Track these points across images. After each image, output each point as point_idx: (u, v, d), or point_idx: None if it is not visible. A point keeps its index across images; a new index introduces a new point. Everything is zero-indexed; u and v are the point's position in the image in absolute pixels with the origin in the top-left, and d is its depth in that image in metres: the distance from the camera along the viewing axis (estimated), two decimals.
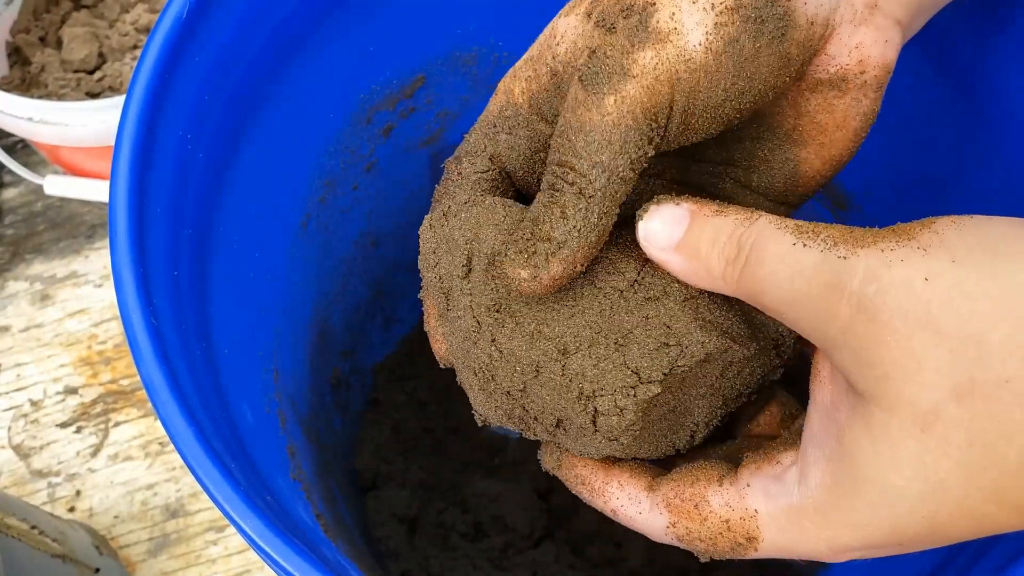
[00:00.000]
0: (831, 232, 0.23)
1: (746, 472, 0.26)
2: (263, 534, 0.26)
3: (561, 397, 0.26)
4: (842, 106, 0.27)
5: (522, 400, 0.28)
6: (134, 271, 0.30)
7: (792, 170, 0.29)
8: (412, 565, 0.52)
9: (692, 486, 0.26)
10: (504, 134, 0.28)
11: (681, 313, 0.26)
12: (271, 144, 0.39)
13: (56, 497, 0.56)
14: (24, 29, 0.63)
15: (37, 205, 0.66)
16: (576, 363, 0.26)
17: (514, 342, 0.27)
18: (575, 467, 0.29)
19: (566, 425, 0.28)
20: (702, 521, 0.26)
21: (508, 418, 0.29)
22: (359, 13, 0.41)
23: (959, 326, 0.20)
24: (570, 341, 0.26)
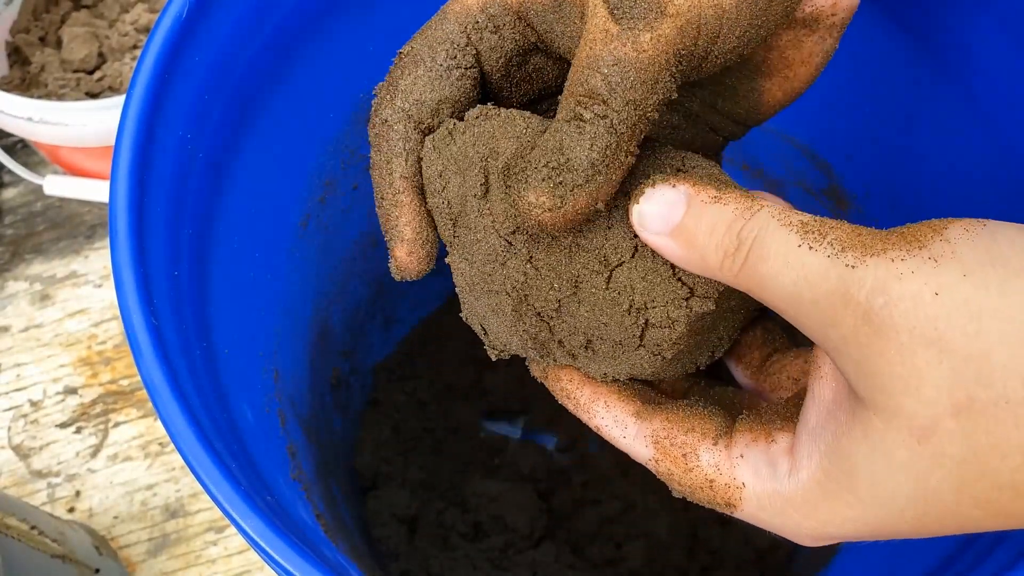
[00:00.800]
0: (838, 234, 0.22)
1: (741, 441, 0.26)
2: (263, 534, 0.26)
3: (604, 312, 0.26)
4: (809, 43, 0.29)
5: (553, 321, 0.27)
6: (134, 271, 0.30)
7: (756, 99, 0.30)
8: (412, 565, 0.52)
9: (686, 434, 0.26)
10: (490, 33, 0.27)
11: None
12: (271, 144, 0.39)
13: (56, 497, 0.56)
14: (24, 29, 0.63)
15: (37, 205, 0.66)
16: (623, 275, 0.25)
17: (552, 256, 0.26)
18: (560, 379, 0.29)
19: (597, 345, 0.27)
20: (687, 470, 0.26)
21: (532, 342, 0.28)
22: (359, 12, 0.41)
23: (964, 344, 0.20)
24: (611, 253, 0.25)
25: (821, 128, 0.46)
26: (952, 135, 0.38)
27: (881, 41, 0.39)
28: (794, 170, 0.49)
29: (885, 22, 0.38)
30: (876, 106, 0.42)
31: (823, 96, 0.43)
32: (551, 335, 0.27)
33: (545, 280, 0.26)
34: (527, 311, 0.27)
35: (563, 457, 0.57)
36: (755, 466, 0.25)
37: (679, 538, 0.52)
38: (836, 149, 0.46)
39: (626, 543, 0.53)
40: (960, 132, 0.38)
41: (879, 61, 0.40)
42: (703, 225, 0.24)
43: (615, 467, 0.56)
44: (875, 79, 0.41)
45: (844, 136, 0.45)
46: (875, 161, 0.43)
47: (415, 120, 0.27)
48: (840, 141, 0.45)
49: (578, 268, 0.26)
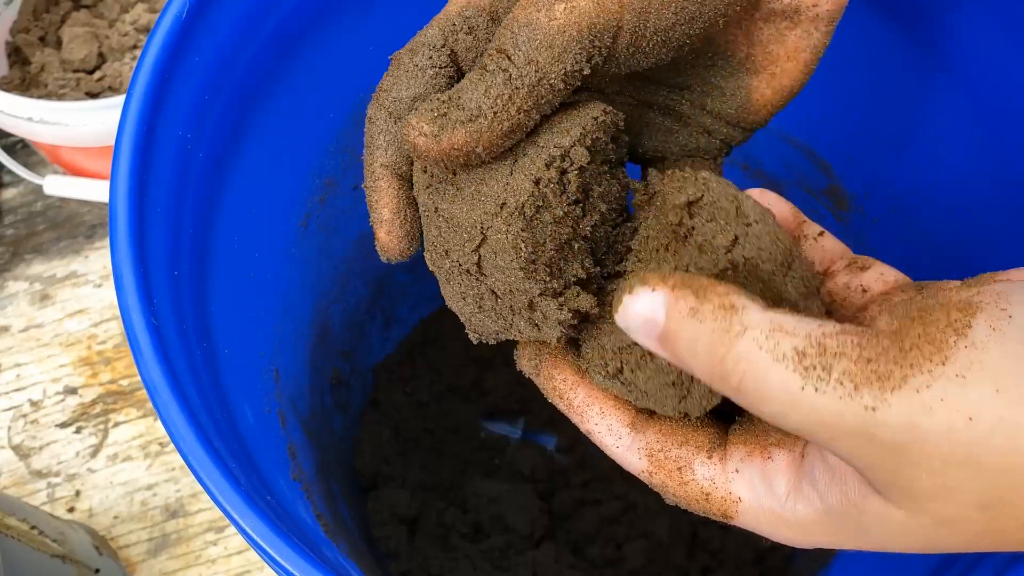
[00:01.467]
0: (846, 367, 0.20)
1: (735, 454, 0.26)
2: (264, 534, 0.26)
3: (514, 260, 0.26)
4: (793, 37, 0.28)
5: (482, 278, 0.27)
6: (134, 271, 0.30)
7: (744, 97, 0.30)
8: (412, 565, 0.52)
9: (680, 448, 0.26)
10: (464, 34, 0.28)
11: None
12: (271, 143, 0.39)
13: (56, 497, 0.56)
14: (24, 29, 0.63)
15: (37, 205, 0.66)
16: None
17: (455, 206, 0.26)
18: (553, 378, 0.28)
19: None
20: (682, 483, 0.26)
21: (480, 309, 0.28)
22: (358, 12, 0.41)
23: (999, 461, 0.19)
24: (510, 197, 0.26)
25: (821, 128, 0.46)
26: (952, 135, 0.38)
27: (881, 41, 0.39)
28: (794, 170, 0.49)
29: (885, 22, 0.38)
30: (876, 106, 0.42)
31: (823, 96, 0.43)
32: (496, 298, 0.27)
33: (455, 232, 0.27)
34: (455, 269, 0.27)
35: (563, 457, 0.57)
36: (751, 482, 0.25)
37: (679, 538, 0.52)
38: (836, 149, 0.46)
39: (626, 543, 0.53)
40: (960, 132, 0.38)
41: (879, 61, 0.40)
42: (683, 341, 0.22)
43: (615, 467, 0.55)
44: (875, 79, 0.41)
45: (844, 136, 0.45)
46: (875, 161, 0.43)
47: (393, 115, 0.28)
48: (840, 141, 0.45)
49: (479, 214, 0.26)
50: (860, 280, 0.28)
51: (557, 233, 0.27)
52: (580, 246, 0.28)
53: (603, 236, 0.29)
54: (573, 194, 0.27)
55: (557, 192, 0.27)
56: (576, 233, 0.28)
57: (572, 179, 0.27)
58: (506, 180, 0.26)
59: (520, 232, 0.26)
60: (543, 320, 0.27)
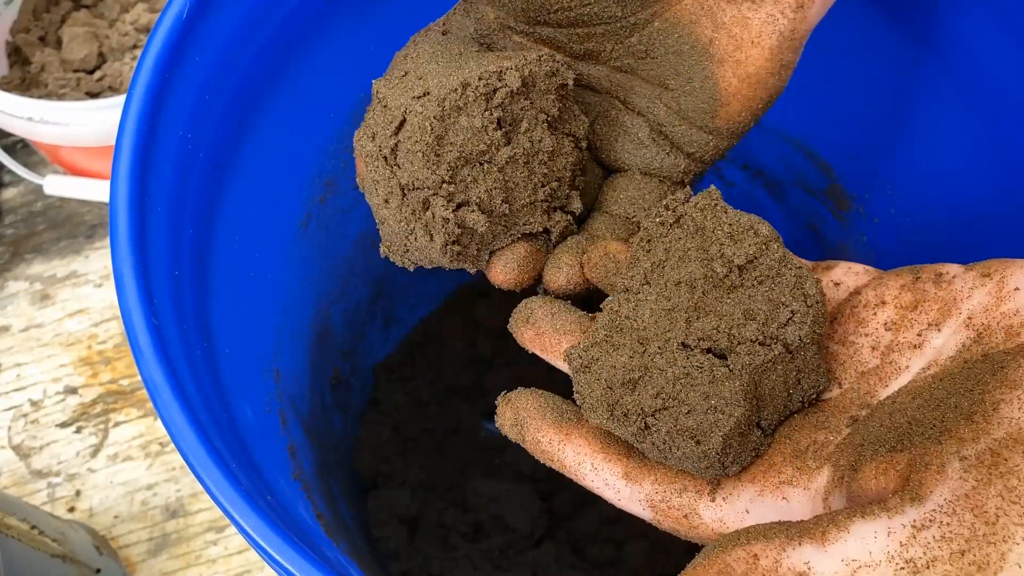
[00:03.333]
0: (944, 570, 0.19)
1: (744, 494, 0.25)
2: (264, 534, 0.26)
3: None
4: (757, 21, 0.28)
5: (396, 173, 0.28)
6: (135, 271, 0.30)
7: (712, 88, 0.29)
8: (412, 565, 0.52)
9: (680, 495, 0.26)
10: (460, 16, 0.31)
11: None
12: (272, 143, 0.39)
13: (56, 497, 0.56)
14: (24, 29, 0.63)
15: (37, 205, 0.66)
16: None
17: (392, 92, 0.28)
18: (540, 442, 0.28)
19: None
20: (691, 528, 0.26)
21: (391, 211, 0.29)
22: (358, 12, 0.41)
23: None
24: (437, 88, 0.27)
25: (821, 128, 0.46)
26: (953, 135, 0.38)
27: (882, 40, 0.39)
28: (794, 170, 0.49)
29: (885, 21, 0.38)
30: (876, 106, 0.42)
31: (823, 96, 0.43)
32: (397, 185, 0.28)
33: (383, 113, 0.28)
34: (375, 154, 0.28)
35: None
36: (763, 520, 0.24)
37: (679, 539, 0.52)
38: (836, 149, 0.46)
39: (626, 543, 0.53)
40: (961, 132, 0.38)
41: (879, 61, 0.40)
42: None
43: None
44: (876, 79, 0.41)
45: (844, 136, 0.45)
46: (875, 161, 0.43)
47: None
48: (840, 141, 0.45)
49: (407, 99, 0.28)
50: (830, 277, 0.28)
51: (469, 141, 0.27)
52: (493, 175, 0.28)
53: (521, 181, 0.29)
54: (494, 112, 0.28)
55: (480, 104, 0.27)
56: (491, 157, 0.28)
57: (499, 98, 0.28)
58: (440, 80, 0.28)
59: (432, 118, 0.27)
60: (433, 225, 0.27)
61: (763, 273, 0.25)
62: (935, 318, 0.25)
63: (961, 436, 0.20)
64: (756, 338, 0.25)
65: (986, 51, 0.35)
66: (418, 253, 0.29)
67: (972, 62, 0.36)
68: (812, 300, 0.25)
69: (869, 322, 0.26)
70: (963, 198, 0.39)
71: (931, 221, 0.41)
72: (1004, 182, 0.36)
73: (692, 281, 0.25)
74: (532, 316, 0.29)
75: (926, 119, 0.39)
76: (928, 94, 0.38)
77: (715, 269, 0.25)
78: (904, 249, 0.43)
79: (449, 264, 0.29)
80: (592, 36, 0.30)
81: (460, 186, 0.28)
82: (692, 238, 0.26)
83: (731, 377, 0.24)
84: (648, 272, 0.27)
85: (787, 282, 0.25)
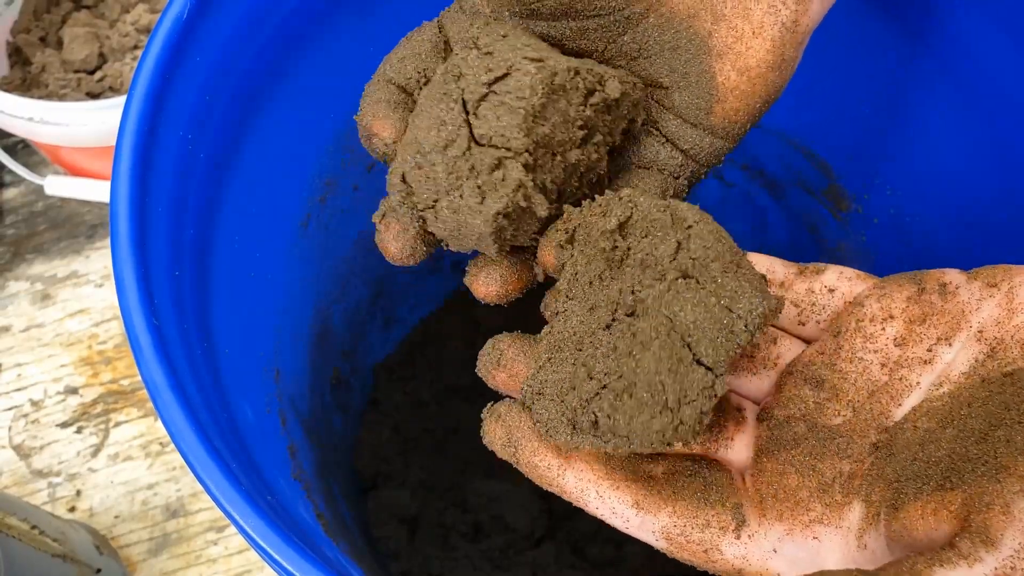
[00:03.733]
0: None
1: (772, 533, 0.24)
2: (264, 534, 0.26)
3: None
4: (759, 11, 0.27)
5: (472, 123, 0.26)
6: (135, 271, 0.30)
7: (709, 83, 0.28)
8: (412, 565, 0.52)
9: (702, 531, 0.25)
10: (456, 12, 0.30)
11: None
12: (272, 144, 0.39)
13: (56, 497, 0.56)
14: (24, 29, 0.63)
15: (38, 205, 0.66)
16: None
17: (498, 44, 0.27)
18: (537, 466, 0.26)
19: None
20: (709, 562, 0.25)
21: (444, 157, 0.26)
22: (359, 13, 0.41)
23: None
24: (551, 61, 0.26)
25: (821, 128, 0.46)
26: (952, 135, 0.38)
27: (881, 40, 0.39)
28: (794, 170, 0.49)
29: (885, 21, 0.38)
30: (876, 106, 0.42)
31: (823, 96, 0.43)
32: (466, 134, 0.26)
33: (484, 59, 0.26)
34: (455, 95, 0.26)
35: None
36: (795, 562, 0.24)
37: None
38: (836, 149, 0.46)
39: (626, 543, 0.53)
40: (960, 132, 0.38)
41: (879, 61, 0.40)
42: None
43: None
44: (875, 79, 0.41)
45: (844, 136, 0.45)
46: (875, 161, 0.43)
47: (393, 81, 0.30)
48: (840, 141, 0.45)
49: (516, 56, 0.26)
50: (821, 282, 0.27)
51: (559, 126, 0.26)
52: (557, 170, 0.27)
53: (570, 189, 0.28)
54: (588, 111, 0.27)
55: (580, 97, 0.27)
56: (564, 152, 0.27)
57: (596, 99, 0.27)
58: (552, 55, 0.26)
59: (543, 83, 0.25)
60: (494, 188, 0.25)
61: (643, 227, 0.25)
62: (944, 332, 0.25)
63: (1021, 473, 0.20)
64: (659, 282, 0.24)
65: (985, 51, 0.35)
66: (449, 214, 0.26)
67: (971, 62, 0.36)
68: (690, 221, 0.25)
69: (878, 337, 0.26)
70: (963, 198, 0.39)
71: (931, 221, 0.41)
72: (1004, 182, 0.36)
73: (600, 273, 0.26)
74: (502, 357, 0.27)
75: (925, 119, 0.39)
76: (927, 94, 0.38)
77: (603, 247, 0.25)
78: (904, 249, 0.43)
79: (478, 236, 0.26)
80: (585, 32, 0.29)
81: (534, 163, 0.26)
82: (585, 243, 0.26)
83: (642, 330, 0.24)
84: (567, 291, 0.27)
85: (663, 221, 0.25)
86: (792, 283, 0.28)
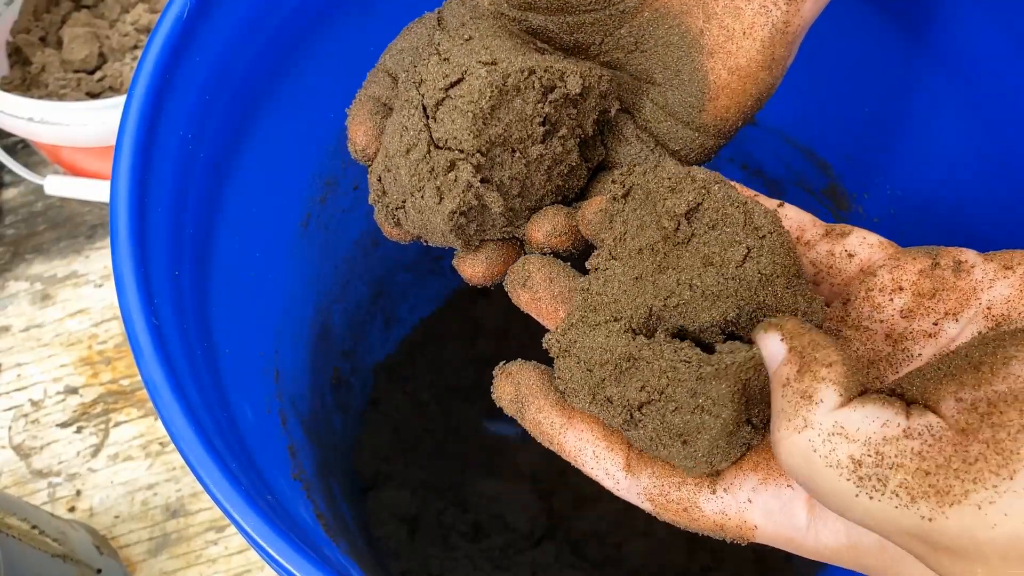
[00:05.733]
0: (902, 478, 0.19)
1: (746, 483, 0.25)
2: (264, 534, 0.26)
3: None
4: (750, 11, 0.28)
5: (430, 127, 0.27)
6: (135, 271, 0.30)
7: (701, 81, 0.29)
8: (412, 565, 0.52)
9: (679, 489, 0.26)
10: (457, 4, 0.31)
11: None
12: (272, 144, 0.39)
13: (56, 497, 0.56)
14: (24, 29, 0.63)
15: (37, 205, 0.66)
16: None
17: (456, 48, 0.28)
18: (540, 423, 0.27)
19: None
20: (691, 520, 0.26)
21: (408, 159, 0.28)
22: (359, 13, 0.41)
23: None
24: (504, 63, 0.27)
25: (821, 128, 0.46)
26: (952, 134, 0.38)
27: (880, 40, 0.39)
28: (794, 170, 0.49)
29: (884, 20, 0.38)
30: (876, 106, 0.42)
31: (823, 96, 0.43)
32: (426, 138, 0.27)
33: (442, 66, 0.28)
34: (415, 101, 0.28)
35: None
36: (767, 510, 0.24)
37: (679, 538, 0.52)
38: (836, 149, 0.46)
39: (626, 543, 0.53)
40: (960, 131, 0.38)
41: (879, 61, 0.40)
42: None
43: None
44: (874, 79, 0.41)
45: (844, 136, 0.45)
46: (875, 161, 0.43)
47: (390, 72, 0.31)
48: (840, 141, 0.45)
49: (471, 61, 0.27)
50: (843, 246, 0.27)
51: (514, 124, 0.27)
52: (519, 166, 0.28)
53: (538, 183, 0.29)
54: (547, 108, 0.27)
55: (538, 94, 0.27)
56: (525, 148, 0.28)
57: (555, 96, 0.27)
58: (509, 57, 0.27)
59: (494, 86, 0.26)
60: (449, 188, 0.27)
61: (711, 218, 0.25)
62: (952, 307, 0.25)
63: (962, 380, 0.20)
64: (717, 286, 0.24)
65: (985, 51, 0.35)
66: (415, 214, 0.28)
67: (971, 62, 0.36)
68: (764, 231, 0.24)
69: (885, 307, 0.26)
70: (962, 198, 0.39)
71: (931, 221, 0.41)
72: (1003, 182, 0.36)
73: (652, 245, 0.25)
74: (529, 279, 0.28)
75: (926, 119, 0.39)
76: (928, 94, 0.38)
77: (664, 226, 0.25)
78: None
79: (442, 234, 0.28)
80: (581, 26, 0.29)
81: (490, 162, 0.27)
82: (644, 205, 0.26)
83: (718, 377, 0.24)
84: (612, 248, 0.27)
85: (736, 220, 0.25)
86: (817, 243, 0.28)
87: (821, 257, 0.27)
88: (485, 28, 0.29)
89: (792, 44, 0.29)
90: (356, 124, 0.30)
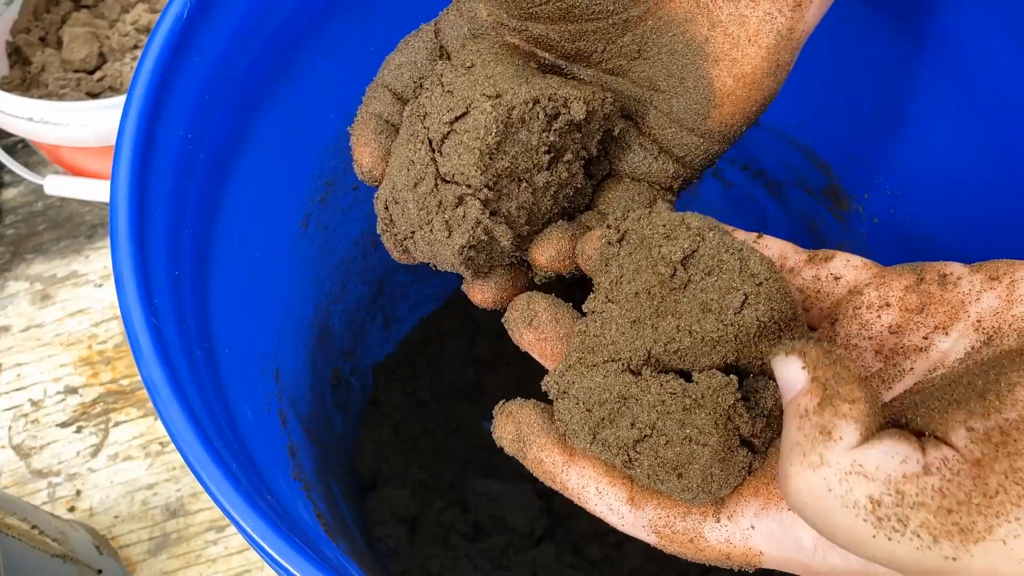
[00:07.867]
0: (924, 520, 0.19)
1: (748, 509, 0.25)
2: (264, 533, 0.26)
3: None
4: (755, 19, 0.28)
5: (437, 161, 0.27)
6: (135, 271, 0.30)
7: (706, 88, 0.29)
8: (412, 565, 0.52)
9: (683, 520, 0.26)
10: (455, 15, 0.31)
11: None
12: (272, 144, 0.39)
13: (56, 497, 0.56)
14: (24, 29, 0.63)
15: (37, 205, 0.66)
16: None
17: (459, 80, 0.28)
18: (543, 462, 0.27)
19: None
20: (697, 551, 0.26)
21: (415, 195, 0.28)
22: (358, 13, 0.41)
23: None
24: (509, 95, 0.27)
25: (821, 128, 0.46)
26: (952, 135, 0.38)
27: (880, 41, 0.39)
28: (794, 170, 0.49)
29: (884, 21, 0.38)
30: (876, 106, 0.42)
31: (823, 96, 0.43)
32: (433, 172, 0.27)
33: (445, 99, 0.28)
34: (421, 135, 0.28)
35: None
36: (771, 536, 0.24)
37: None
38: (836, 149, 0.46)
39: (626, 543, 0.53)
40: (960, 132, 0.38)
41: (879, 61, 0.40)
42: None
43: None
44: (875, 80, 0.41)
45: (844, 136, 0.45)
46: (875, 161, 0.43)
47: (391, 88, 0.31)
48: (840, 141, 0.45)
49: (475, 93, 0.27)
50: (828, 269, 0.27)
51: (521, 155, 0.27)
52: (526, 195, 0.28)
53: (545, 208, 0.29)
54: (552, 136, 0.28)
55: (542, 124, 0.27)
56: (531, 177, 0.28)
57: (559, 124, 0.28)
58: (512, 87, 0.27)
59: (500, 122, 0.26)
60: (459, 223, 0.27)
61: (707, 264, 0.25)
62: (942, 321, 0.25)
63: (971, 409, 0.20)
64: (716, 332, 0.24)
65: (985, 51, 0.35)
66: (424, 245, 0.28)
67: (971, 62, 0.36)
68: (761, 277, 0.24)
69: (873, 324, 0.26)
70: (963, 198, 0.39)
71: (930, 221, 0.41)
72: (1004, 182, 0.36)
73: (649, 289, 0.25)
74: (536, 319, 0.28)
75: (925, 120, 0.39)
76: (928, 95, 0.38)
77: (661, 272, 0.25)
78: (903, 249, 0.43)
79: (452, 265, 0.29)
80: (584, 34, 0.29)
81: (497, 194, 0.27)
82: (639, 250, 0.26)
83: (699, 405, 0.24)
84: (608, 291, 0.27)
85: (732, 267, 0.25)
86: (801, 269, 0.28)
87: (807, 283, 0.27)
88: (486, 50, 0.29)
89: (796, 49, 0.29)
90: (361, 145, 0.30)
